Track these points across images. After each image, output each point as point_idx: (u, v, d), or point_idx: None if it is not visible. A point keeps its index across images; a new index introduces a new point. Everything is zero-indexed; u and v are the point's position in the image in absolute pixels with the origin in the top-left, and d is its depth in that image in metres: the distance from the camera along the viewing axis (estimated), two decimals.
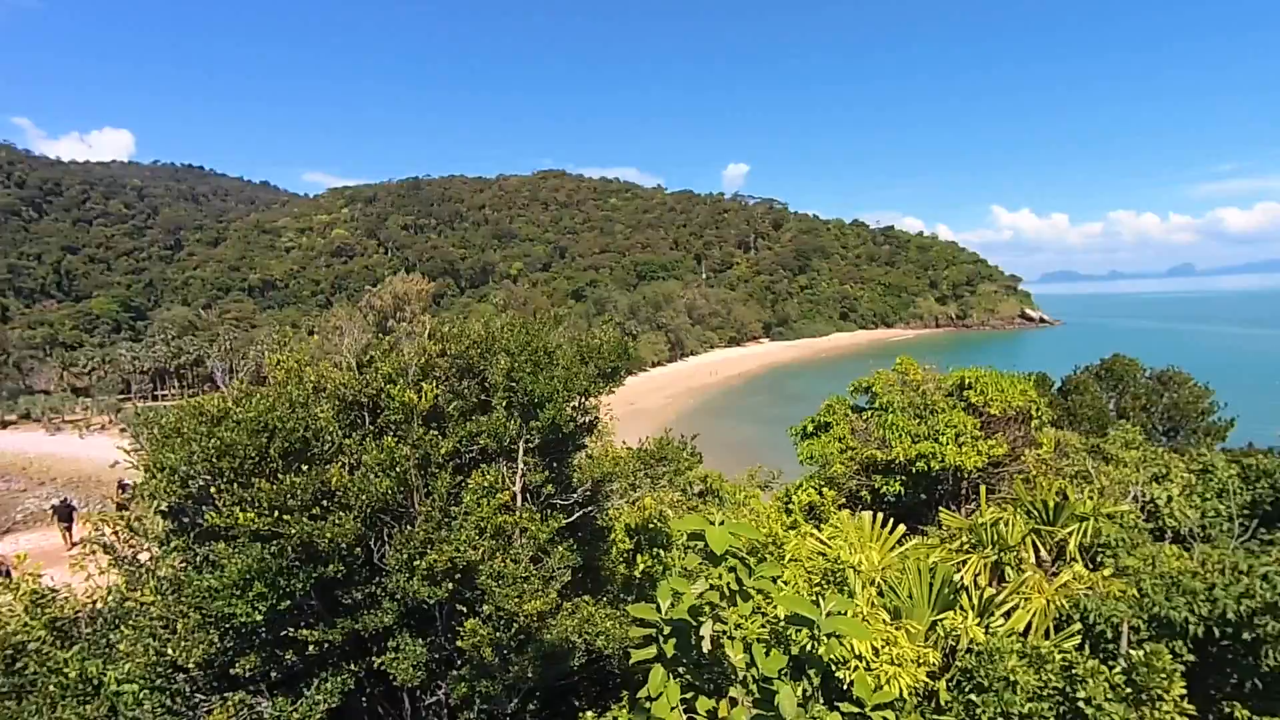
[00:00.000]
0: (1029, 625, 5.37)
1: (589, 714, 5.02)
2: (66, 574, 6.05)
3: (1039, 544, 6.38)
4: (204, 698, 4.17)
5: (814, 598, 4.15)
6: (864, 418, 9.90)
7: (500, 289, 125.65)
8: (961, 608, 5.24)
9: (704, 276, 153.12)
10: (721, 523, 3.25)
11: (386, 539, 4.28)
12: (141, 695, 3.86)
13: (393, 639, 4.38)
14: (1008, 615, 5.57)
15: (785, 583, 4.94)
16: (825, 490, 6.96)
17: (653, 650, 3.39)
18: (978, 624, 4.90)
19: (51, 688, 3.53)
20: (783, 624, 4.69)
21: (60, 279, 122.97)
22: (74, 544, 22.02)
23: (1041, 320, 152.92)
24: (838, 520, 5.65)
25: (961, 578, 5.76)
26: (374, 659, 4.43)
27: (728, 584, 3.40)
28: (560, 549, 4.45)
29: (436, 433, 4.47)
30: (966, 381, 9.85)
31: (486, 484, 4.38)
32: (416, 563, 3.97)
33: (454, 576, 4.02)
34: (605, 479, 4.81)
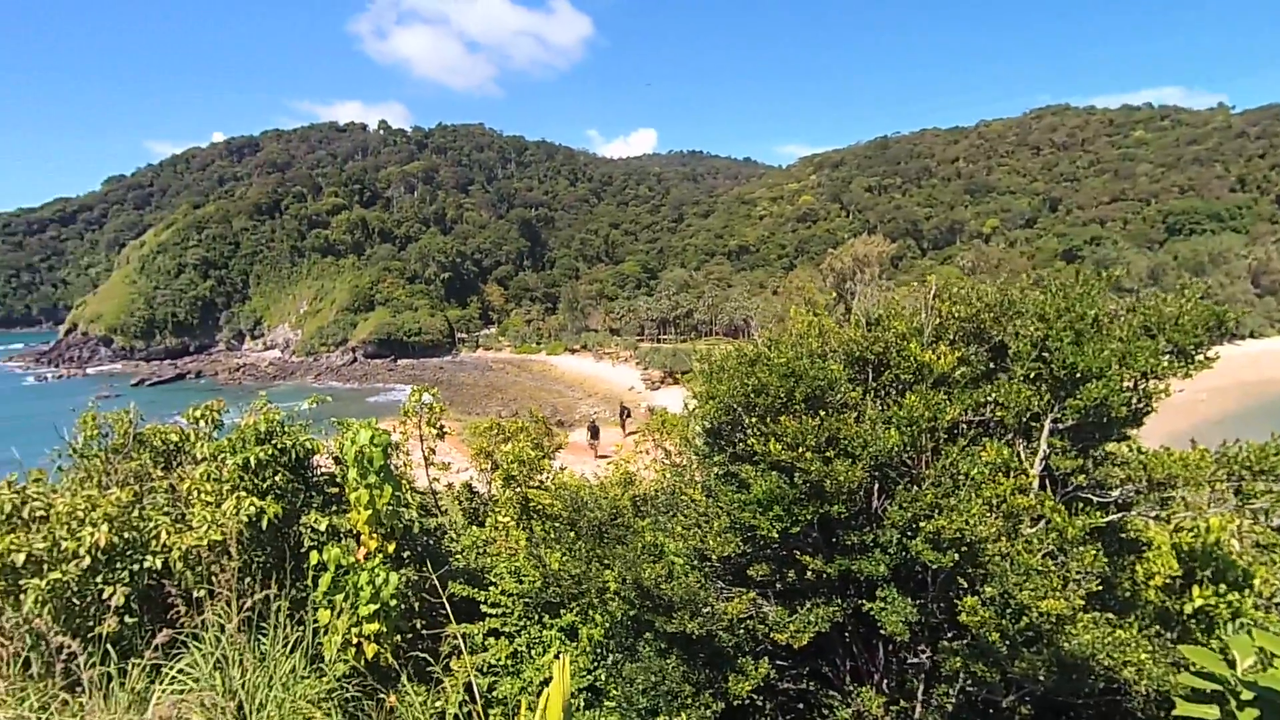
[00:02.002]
0: None
1: None
2: (591, 466, 8.20)
3: None
4: (724, 586, 5.09)
5: None
6: None
7: (968, 249, 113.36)
8: None
9: None
10: None
11: (889, 493, 4.39)
12: (687, 568, 4.96)
13: (881, 589, 4.50)
14: None
15: None
16: None
17: (1214, 712, 2.62)
18: None
19: (639, 544, 4.84)
20: None
21: (608, 248, 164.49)
22: (599, 455, 29.96)
23: None
24: None
25: None
26: (861, 602, 4.64)
27: None
28: (1089, 551, 3.79)
29: (945, 397, 4.30)
30: None
31: (1001, 459, 4.03)
32: (922, 524, 3.95)
33: (960, 548, 3.86)
34: (1167, 482, 3.85)
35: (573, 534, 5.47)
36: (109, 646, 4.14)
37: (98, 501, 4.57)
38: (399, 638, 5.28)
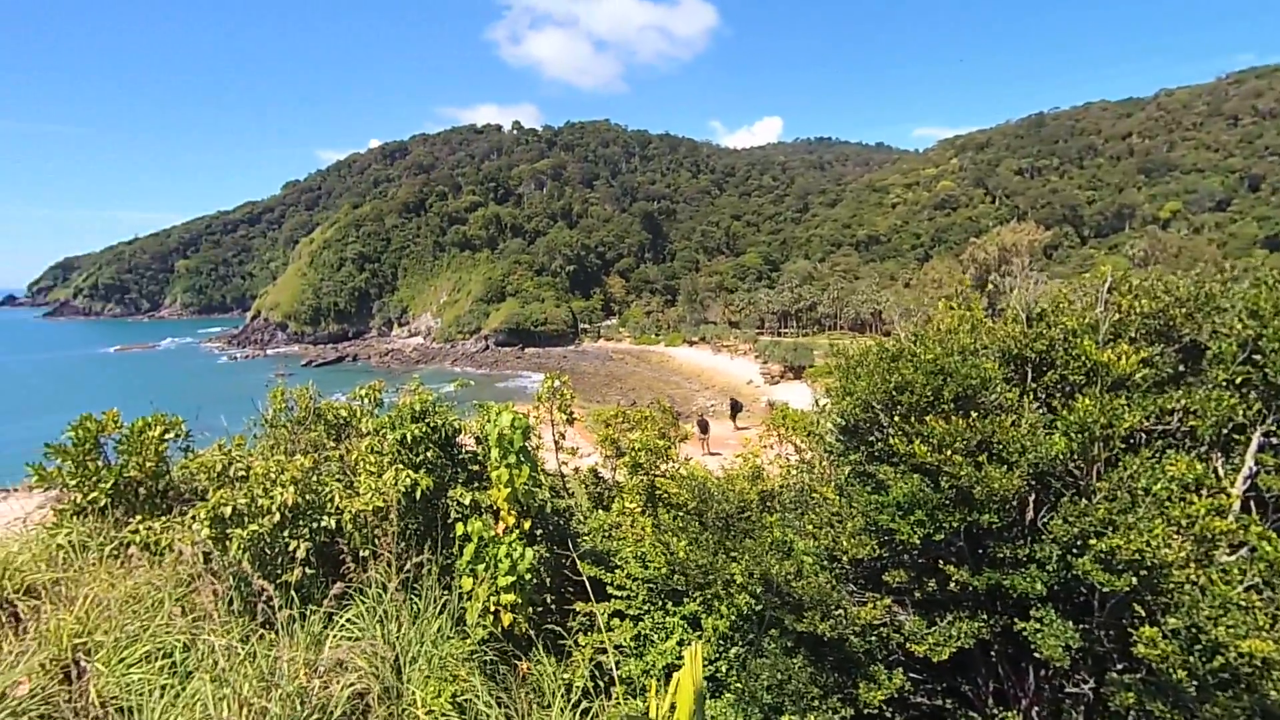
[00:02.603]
0: None
1: None
2: (711, 460, 8.11)
3: None
4: (856, 590, 4.90)
5: None
6: None
7: (1139, 236, 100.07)
8: None
9: None
10: None
11: (1050, 505, 4.00)
12: (816, 568, 4.83)
13: (1037, 609, 4.12)
14: None
15: None
16: None
17: None
18: None
19: (766, 539, 4.77)
20: None
21: (728, 240, 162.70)
22: (710, 452, 29.61)
23: None
24: None
25: None
26: (1013, 621, 4.28)
27: None
28: None
29: (1124, 402, 3.84)
30: None
31: (1192, 475, 3.53)
32: (1092, 542, 3.56)
33: (1138, 571, 3.44)
34: None
35: (698, 524, 5.50)
36: (293, 593, 4.72)
37: (286, 466, 5.22)
38: (531, 610, 5.58)
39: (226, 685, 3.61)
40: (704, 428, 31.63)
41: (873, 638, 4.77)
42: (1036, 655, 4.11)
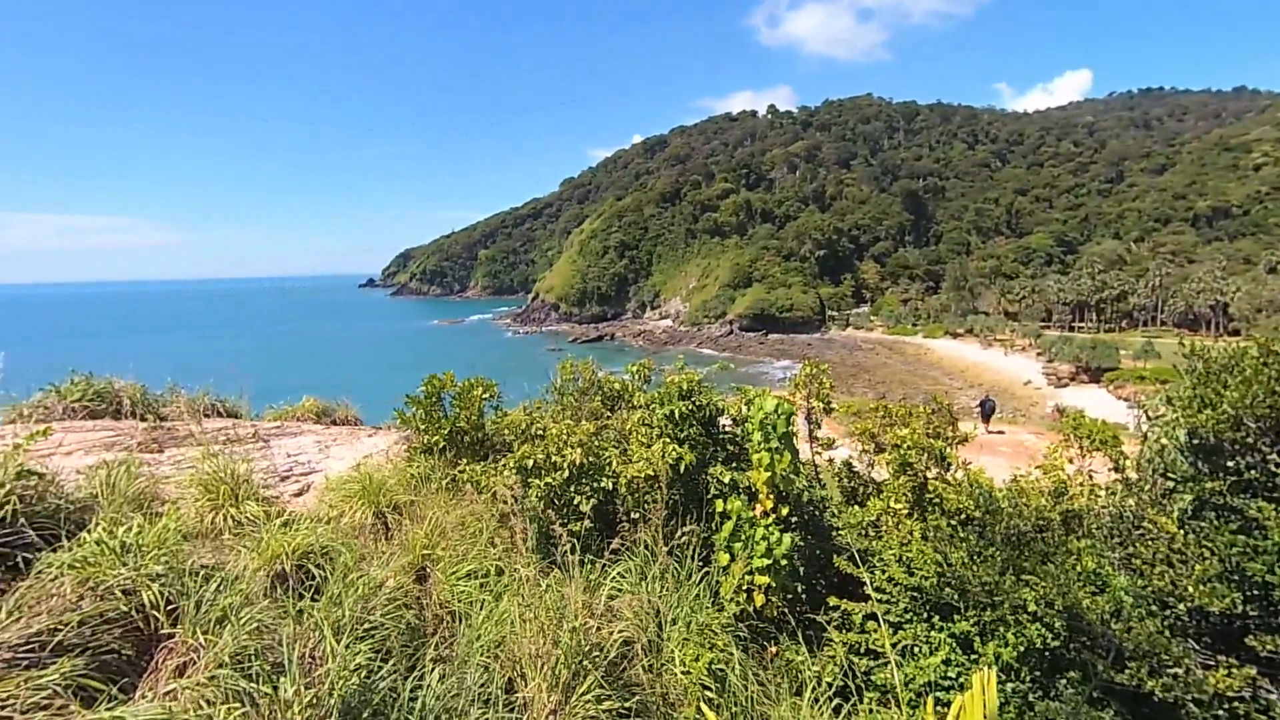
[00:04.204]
0: None
1: None
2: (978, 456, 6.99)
3: None
4: (1200, 648, 3.95)
5: None
6: None
7: None
8: None
9: None
10: None
11: None
12: (1141, 611, 3.99)
13: None
14: None
15: None
16: None
17: None
18: None
19: (1072, 566, 4.08)
20: None
21: (1010, 218, 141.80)
22: (991, 430, 26.40)
23: None
24: None
25: None
26: None
27: None
28: None
29: None
30: None
31: None
32: None
33: None
34: None
35: (977, 537, 4.91)
36: (575, 541, 5.34)
37: (574, 430, 5.92)
38: (784, 595, 5.56)
39: (529, 610, 4.22)
40: (988, 411, 28.54)
41: (1222, 711, 3.81)
42: None
